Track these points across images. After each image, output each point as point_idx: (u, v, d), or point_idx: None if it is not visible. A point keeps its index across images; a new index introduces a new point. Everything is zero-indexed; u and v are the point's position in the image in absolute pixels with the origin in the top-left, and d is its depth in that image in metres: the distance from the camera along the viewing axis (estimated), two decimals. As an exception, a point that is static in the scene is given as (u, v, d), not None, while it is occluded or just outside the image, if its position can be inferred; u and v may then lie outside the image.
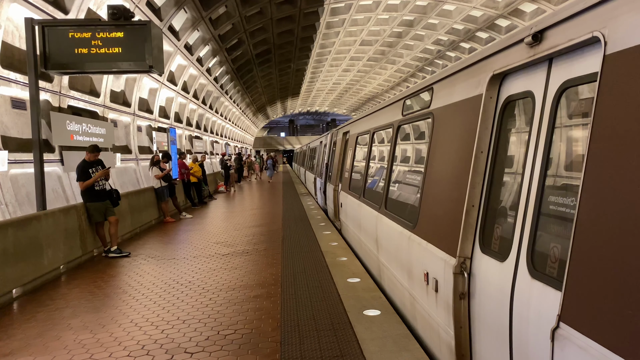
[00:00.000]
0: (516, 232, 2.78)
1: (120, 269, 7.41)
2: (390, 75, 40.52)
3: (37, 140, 7.51)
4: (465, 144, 3.52)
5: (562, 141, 2.58)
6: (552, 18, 2.53)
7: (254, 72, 31.66)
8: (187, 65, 20.65)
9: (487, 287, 3.05)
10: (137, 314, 5.22)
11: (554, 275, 2.40)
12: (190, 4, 16.68)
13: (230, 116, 39.72)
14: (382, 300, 5.28)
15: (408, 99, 5.58)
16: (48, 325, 4.98)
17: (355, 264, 7.05)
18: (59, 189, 10.94)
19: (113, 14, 7.56)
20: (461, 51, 29.20)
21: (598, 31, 2.11)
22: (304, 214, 13.13)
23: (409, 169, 5.68)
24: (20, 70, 9.50)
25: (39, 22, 7.53)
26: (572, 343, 2.05)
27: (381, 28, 27.97)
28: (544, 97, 2.67)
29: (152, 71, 7.84)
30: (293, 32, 25.41)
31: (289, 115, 77.75)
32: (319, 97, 54.37)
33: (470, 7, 22.59)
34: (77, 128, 11.51)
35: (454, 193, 3.62)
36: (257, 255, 7.94)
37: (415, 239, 4.40)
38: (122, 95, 15.89)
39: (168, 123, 20.85)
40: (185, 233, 10.74)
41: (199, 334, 4.57)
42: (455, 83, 3.98)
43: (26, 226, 6.50)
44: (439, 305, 3.73)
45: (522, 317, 2.60)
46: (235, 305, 5.41)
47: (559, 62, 2.55)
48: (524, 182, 2.79)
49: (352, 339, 4.27)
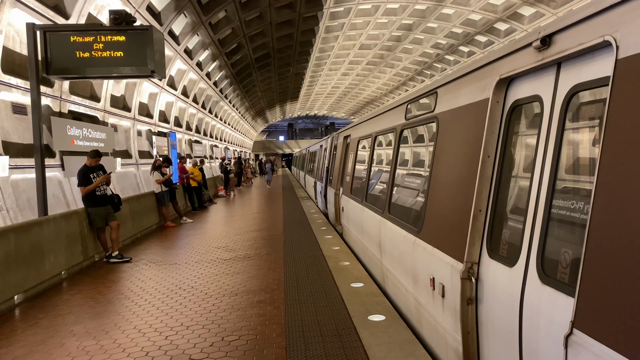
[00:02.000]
0: (525, 237, 2.76)
1: (122, 275, 7.38)
2: (389, 79, 40.58)
3: (39, 145, 7.50)
4: (472, 148, 3.51)
5: (571, 145, 2.57)
6: (562, 22, 2.52)
7: (254, 76, 31.69)
8: (186, 69, 20.67)
9: (495, 293, 3.03)
10: (140, 320, 5.19)
11: (565, 281, 2.38)
12: (190, 9, 16.70)
13: (229, 120, 39.74)
14: (386, 305, 5.26)
15: (411, 103, 5.57)
16: (51, 331, 4.95)
17: (358, 268, 7.03)
18: (60, 194, 10.91)
19: (115, 19, 7.56)
20: (460, 54, 29.26)
21: (609, 35, 2.11)
22: (305, 218, 13.11)
23: (413, 173, 5.66)
24: (21, 76, 9.48)
25: (41, 28, 7.53)
26: (586, 350, 2.02)
27: (380, 32, 28.03)
28: (552, 101, 2.65)
29: (154, 76, 7.84)
30: (292, 36, 25.44)
31: (288, 119, 77.81)
32: (317, 100, 54.40)
33: (469, 10, 22.64)
34: (78, 133, 11.49)
35: (460, 197, 3.60)
36: (259, 260, 7.91)
37: (420, 244, 4.38)
38: (122, 100, 15.88)
39: (168, 127, 20.85)
40: (186, 238, 10.70)
41: (203, 340, 4.54)
42: (461, 87, 3.97)
43: (27, 232, 6.47)
44: (445, 311, 3.71)
45: (533, 323, 2.58)
46: (239, 310, 5.39)
47: (568, 66, 2.54)
48: (532, 186, 2.77)
49: (357, 345, 4.24)
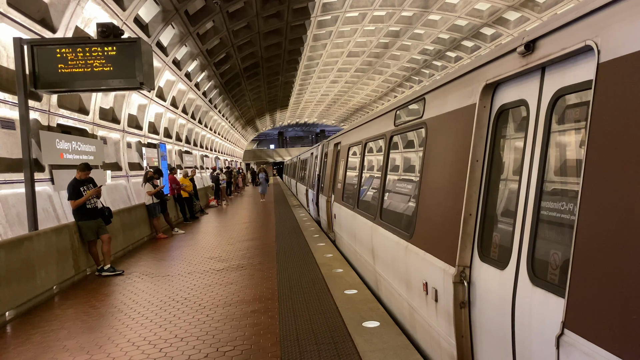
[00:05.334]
0: (515, 240, 2.80)
1: (115, 288, 7.32)
2: (377, 86, 40.87)
3: (28, 159, 7.45)
4: (460, 153, 3.55)
5: (558, 147, 2.62)
6: (544, 28, 2.57)
7: (243, 86, 31.74)
8: (175, 80, 20.66)
9: (487, 296, 3.06)
10: (133, 333, 5.15)
11: (556, 282, 2.42)
12: (178, 20, 16.74)
13: (219, 130, 39.70)
14: (380, 312, 5.27)
15: (400, 109, 5.62)
16: (43, 347, 4.89)
17: (351, 275, 7.04)
18: (50, 208, 10.82)
19: (102, 32, 7.56)
20: (447, 60, 29.57)
21: (591, 40, 2.16)
22: (297, 225, 13.10)
23: (403, 179, 5.69)
24: (8, 90, 9.42)
25: (28, 42, 7.51)
26: (577, 350, 2.05)
27: (368, 39, 28.26)
28: (538, 105, 2.71)
29: (142, 88, 7.83)
30: (280, 45, 25.56)
31: (278, 128, 77.87)
32: (307, 108, 54.57)
33: (455, 16, 22.92)
34: (67, 146, 11.43)
35: (450, 202, 3.64)
36: (252, 270, 7.89)
37: (412, 249, 4.40)
38: (112, 112, 15.83)
39: (157, 138, 20.78)
40: (178, 249, 10.64)
41: (198, 352, 4.52)
42: (448, 93, 4.02)
43: (18, 247, 6.41)
44: (439, 315, 3.73)
45: (525, 324, 2.61)
46: (233, 321, 5.36)
47: (552, 70, 2.60)
48: (521, 189, 2.81)
49: (352, 352, 4.24)
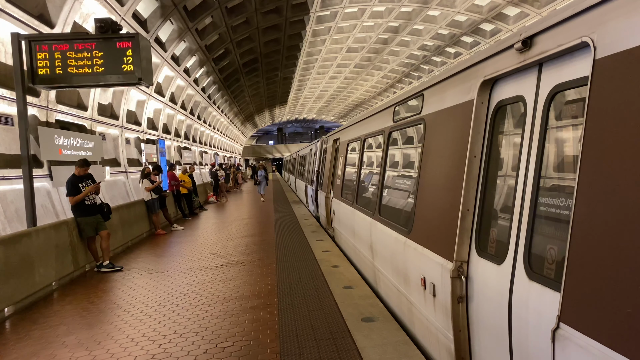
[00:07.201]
0: (512, 235, 2.82)
1: (114, 284, 7.33)
2: (377, 82, 40.79)
3: (26, 155, 7.44)
4: (458, 149, 3.56)
5: (554, 143, 2.63)
6: (541, 24, 2.58)
7: (242, 82, 31.67)
8: (174, 76, 20.60)
9: (485, 290, 3.08)
10: (132, 329, 5.16)
11: (552, 277, 2.43)
12: (177, 15, 16.68)
13: (218, 126, 39.65)
14: (379, 307, 5.29)
15: (398, 105, 5.62)
16: (42, 343, 4.90)
17: (350, 271, 7.06)
18: (49, 204, 10.81)
19: (100, 27, 7.54)
20: (447, 56, 29.52)
21: (587, 36, 2.17)
22: (296, 221, 13.12)
23: (402, 175, 5.71)
24: (6, 86, 9.38)
25: (26, 37, 7.48)
26: (573, 343, 2.07)
27: (367, 35, 28.18)
28: (535, 101, 2.72)
29: (141, 83, 7.81)
30: (279, 40, 25.48)
31: (277, 124, 77.76)
32: (306, 104, 54.49)
33: (455, 12, 22.86)
34: (66, 142, 11.40)
35: (448, 198, 3.65)
36: (252, 266, 7.91)
37: (411, 244, 4.42)
38: (110, 108, 15.79)
39: (156, 134, 20.75)
40: (177, 245, 10.66)
41: (197, 348, 4.54)
42: (446, 89, 4.03)
43: (16, 243, 6.41)
44: (437, 310, 3.75)
45: (521, 318, 2.62)
46: (232, 317, 5.38)
47: (549, 67, 2.60)
48: (518, 185, 2.83)
49: (352, 348, 4.26)
